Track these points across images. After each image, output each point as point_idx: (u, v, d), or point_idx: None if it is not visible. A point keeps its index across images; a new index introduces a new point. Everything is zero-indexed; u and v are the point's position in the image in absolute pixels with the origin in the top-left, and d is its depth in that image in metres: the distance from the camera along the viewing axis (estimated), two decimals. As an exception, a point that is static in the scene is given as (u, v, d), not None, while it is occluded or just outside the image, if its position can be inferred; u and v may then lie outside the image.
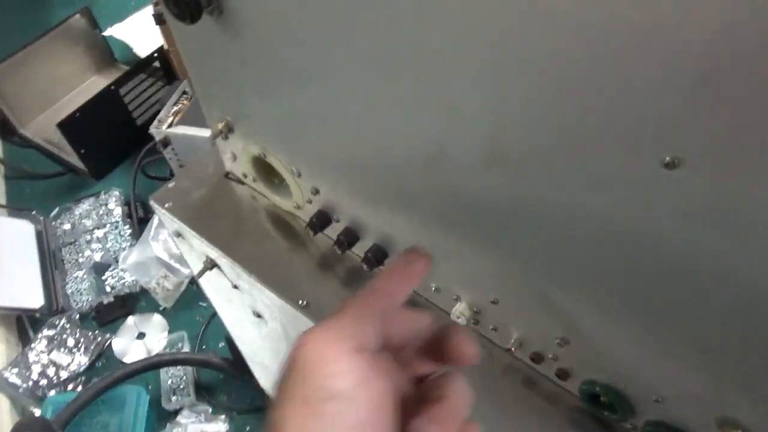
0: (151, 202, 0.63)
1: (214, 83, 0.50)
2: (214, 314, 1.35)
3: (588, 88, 0.25)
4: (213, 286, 0.71)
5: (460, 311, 0.48)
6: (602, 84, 0.24)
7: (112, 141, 1.72)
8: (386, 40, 0.32)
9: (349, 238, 0.52)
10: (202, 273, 0.62)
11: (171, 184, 0.64)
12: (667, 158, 0.25)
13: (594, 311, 0.37)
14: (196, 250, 0.64)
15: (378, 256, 0.51)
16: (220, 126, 0.54)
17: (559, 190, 0.31)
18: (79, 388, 1.30)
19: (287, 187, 0.56)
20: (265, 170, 0.57)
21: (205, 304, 1.41)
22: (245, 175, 0.61)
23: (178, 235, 0.64)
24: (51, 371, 1.32)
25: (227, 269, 0.61)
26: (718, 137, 0.23)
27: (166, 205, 0.61)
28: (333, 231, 0.54)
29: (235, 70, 0.45)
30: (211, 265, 0.62)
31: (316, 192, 0.52)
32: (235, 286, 0.63)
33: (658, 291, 0.31)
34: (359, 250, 0.53)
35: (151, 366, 1.23)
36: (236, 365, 1.20)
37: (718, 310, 0.29)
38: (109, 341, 1.38)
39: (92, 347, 1.36)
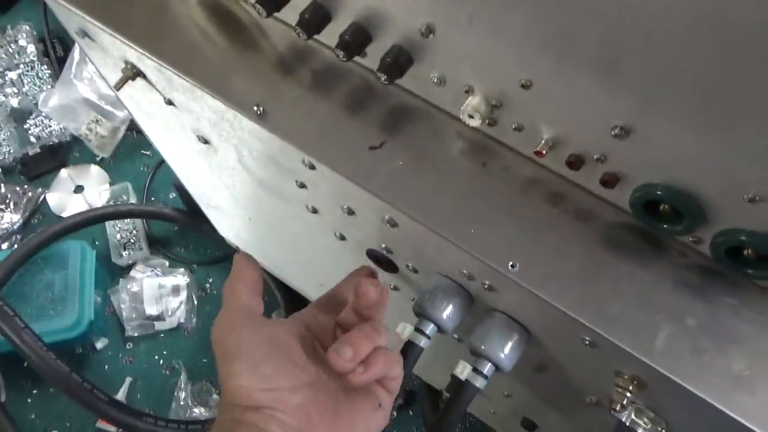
0: (40, -11, 0.46)
1: None
2: (161, 162, 1.21)
3: None
4: (142, 106, 0.56)
5: (472, 107, 0.36)
6: None
7: (11, -37, 1.43)
8: None
9: (317, 16, 0.38)
10: (122, 83, 0.48)
11: (64, -37, 0.46)
12: None
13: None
14: (110, 54, 0.49)
15: (358, 39, 0.37)
16: None
17: None
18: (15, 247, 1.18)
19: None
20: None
21: (149, 153, 1.26)
22: (165, -57, 0.44)
23: (84, 34, 0.48)
24: (-20, 231, 1.18)
25: (154, 76, 0.46)
26: None
27: (60, -10, 0.45)
28: (293, 10, 0.40)
29: None
30: (132, 72, 0.47)
31: (266, -54, 0.37)
32: (170, 102, 0.49)
33: None
34: (329, 38, 0.39)
35: (96, 219, 1.10)
36: (191, 216, 1.09)
37: None
38: (42, 196, 1.23)
39: (23, 203, 1.22)
